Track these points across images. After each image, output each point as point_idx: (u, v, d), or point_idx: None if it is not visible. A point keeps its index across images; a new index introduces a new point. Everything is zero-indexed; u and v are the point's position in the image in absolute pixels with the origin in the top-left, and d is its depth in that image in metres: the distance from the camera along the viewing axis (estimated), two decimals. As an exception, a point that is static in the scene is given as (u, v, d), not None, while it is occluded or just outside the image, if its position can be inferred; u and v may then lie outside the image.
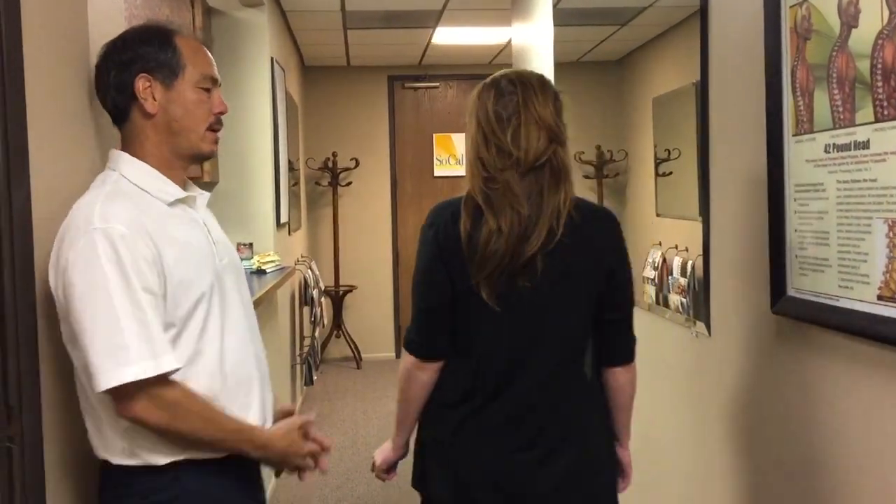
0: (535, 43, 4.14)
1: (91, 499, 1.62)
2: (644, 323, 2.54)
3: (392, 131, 7.36)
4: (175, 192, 1.55)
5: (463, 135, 6.29)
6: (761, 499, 1.76)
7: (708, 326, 2.00)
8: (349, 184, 7.21)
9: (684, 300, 2.22)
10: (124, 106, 1.53)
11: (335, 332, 7.01)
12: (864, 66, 1.32)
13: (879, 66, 1.28)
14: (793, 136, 1.54)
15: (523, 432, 1.63)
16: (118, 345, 1.36)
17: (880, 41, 1.28)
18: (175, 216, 1.53)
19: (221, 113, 1.59)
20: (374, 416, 5.45)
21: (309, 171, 7.05)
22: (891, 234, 1.27)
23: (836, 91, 1.40)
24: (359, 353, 7.02)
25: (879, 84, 1.28)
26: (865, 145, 1.32)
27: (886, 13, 1.26)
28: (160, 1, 3.80)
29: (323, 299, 6.39)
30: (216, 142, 1.61)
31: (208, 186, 4.16)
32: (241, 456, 1.53)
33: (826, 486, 1.50)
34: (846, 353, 1.42)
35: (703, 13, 1.99)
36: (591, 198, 3.27)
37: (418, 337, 1.67)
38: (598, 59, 3.26)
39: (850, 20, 1.36)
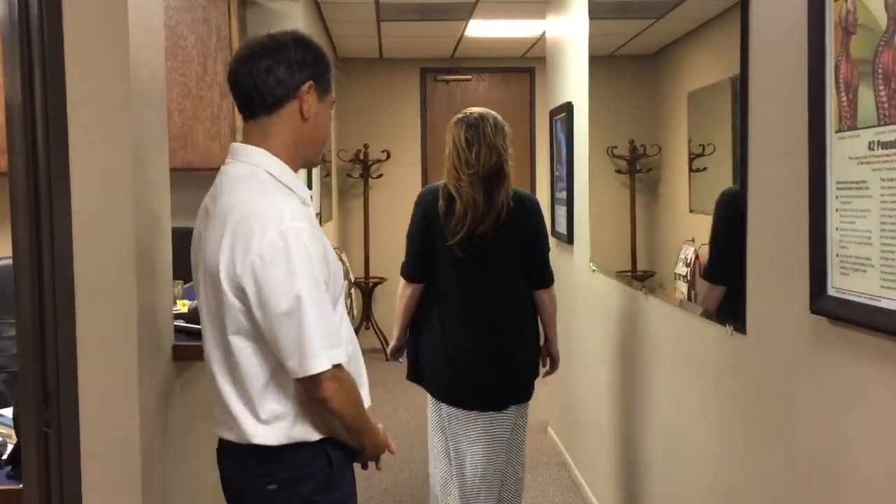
0: (569, 36, 4.11)
1: (126, 485, 1.65)
2: (675, 320, 2.52)
3: (423, 124, 7.36)
4: (308, 191, 1.70)
5: None
6: (794, 503, 1.73)
7: (743, 324, 1.97)
8: (380, 176, 7.22)
9: (719, 298, 2.19)
10: (279, 99, 1.61)
11: (364, 324, 7.04)
12: (911, 61, 1.29)
13: (928, 61, 1.25)
14: (835, 132, 1.51)
15: (480, 341, 2.75)
16: (321, 334, 1.51)
17: (929, 36, 1.25)
18: (310, 216, 1.66)
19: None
20: (402, 408, 5.46)
21: (340, 162, 7.07)
22: (936, 234, 1.24)
23: (881, 87, 1.37)
24: (387, 344, 7.05)
25: (927, 80, 1.25)
26: (911, 143, 1.29)
27: (936, 7, 1.23)
28: (197, -8, 3.83)
29: (353, 291, 6.41)
30: None
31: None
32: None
33: (863, 493, 1.48)
34: (887, 354, 1.39)
35: (743, 6, 1.96)
36: (624, 193, 3.25)
37: (409, 269, 2.84)
38: (633, 52, 3.23)
39: (897, 14, 1.33)
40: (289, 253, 1.49)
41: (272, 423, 1.60)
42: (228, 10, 3.87)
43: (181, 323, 2.19)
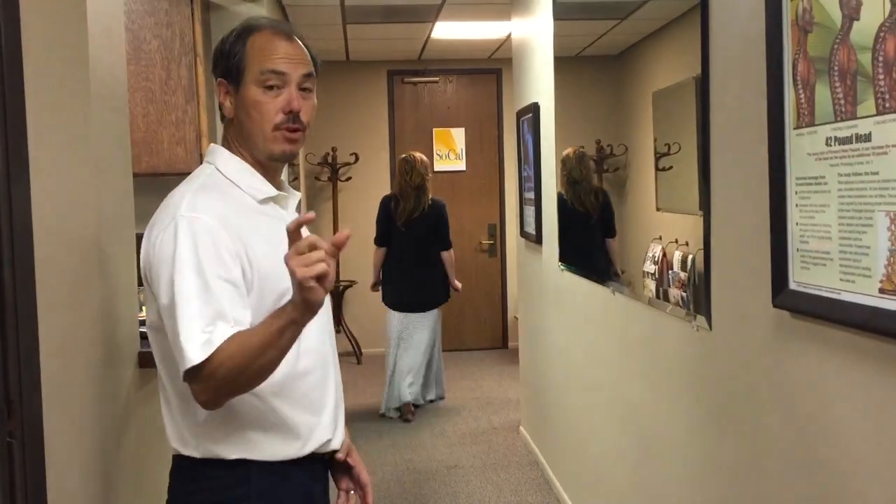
0: (534, 37, 4.13)
1: (91, 495, 1.63)
2: (644, 317, 2.55)
3: (392, 126, 7.35)
4: (267, 189, 1.55)
5: (463, 129, 6.82)
6: (762, 494, 1.76)
7: (709, 320, 2.00)
8: (349, 179, 7.20)
9: (685, 294, 2.22)
10: (218, 105, 1.57)
11: (335, 328, 7.01)
12: (865, 58, 1.31)
13: (881, 58, 1.28)
14: (794, 129, 1.54)
15: (413, 275, 5.26)
16: (195, 327, 1.34)
17: (882, 34, 1.27)
18: (264, 213, 1.53)
19: (291, 110, 1.51)
20: (375, 411, 5.45)
21: (308, 166, 7.04)
22: (893, 228, 1.27)
23: (837, 84, 1.40)
24: (359, 348, 7.02)
25: (881, 77, 1.28)
26: (867, 138, 1.32)
27: (888, 6, 1.26)
28: (159, -5, 3.79)
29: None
30: (291, 141, 1.54)
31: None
32: (311, 458, 1.54)
33: (827, 481, 1.50)
34: (848, 346, 1.42)
35: (703, 6, 1.98)
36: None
37: (378, 238, 5.31)
38: (598, 53, 3.26)
39: (851, 13, 1.35)
40: (175, 242, 1.37)
41: (193, 432, 1.47)
42: (192, 14, 3.84)
43: (146, 329, 2.16)
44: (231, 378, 1.35)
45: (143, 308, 2.43)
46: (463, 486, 4.12)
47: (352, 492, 1.68)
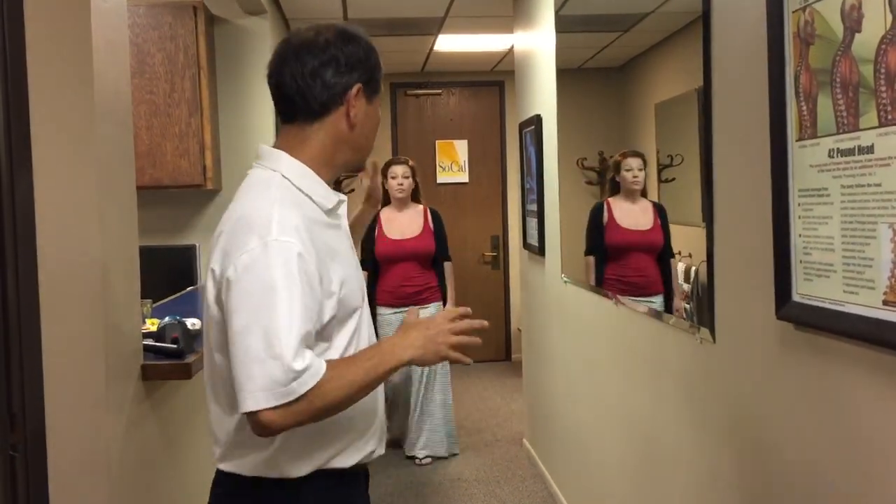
0: (537, 50, 4.14)
1: (94, 507, 1.62)
2: (647, 329, 2.54)
3: (394, 138, 7.36)
4: (332, 197, 1.50)
5: (465, 141, 6.77)
6: (767, 505, 1.75)
7: (712, 333, 1.99)
8: (351, 191, 7.21)
9: (688, 306, 2.21)
10: (325, 105, 1.46)
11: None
12: (867, 70, 1.32)
13: (883, 70, 1.28)
14: (796, 141, 1.54)
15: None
16: (263, 372, 1.29)
17: (884, 46, 1.27)
18: (331, 225, 1.49)
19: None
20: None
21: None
22: (896, 239, 1.26)
23: (839, 96, 1.40)
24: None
25: (883, 89, 1.28)
26: (870, 150, 1.32)
27: (890, 18, 1.26)
28: (163, 8, 3.82)
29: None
30: None
31: (210, 194, 4.16)
32: (364, 466, 1.54)
33: (831, 493, 1.49)
34: (851, 358, 1.41)
35: (705, 19, 1.99)
36: (594, 204, 3.27)
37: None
38: (601, 65, 3.26)
39: (853, 25, 1.36)
40: (263, 267, 1.31)
41: (246, 450, 1.43)
42: (196, 27, 3.86)
43: (150, 342, 2.16)
44: (327, 409, 1.35)
45: (147, 321, 2.44)
46: (466, 499, 4.10)
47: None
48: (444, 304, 4.62)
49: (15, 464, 1.38)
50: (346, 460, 1.50)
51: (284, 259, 1.32)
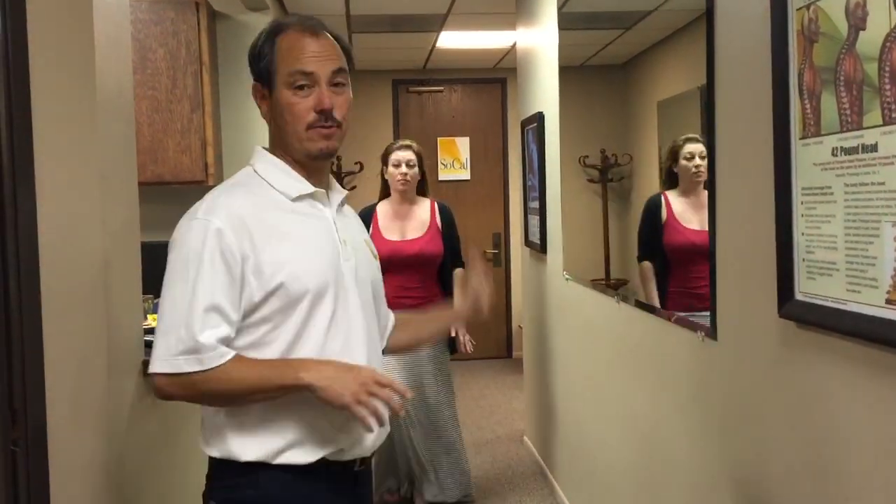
0: (539, 47, 4.14)
1: (95, 502, 1.62)
2: (649, 327, 2.54)
3: (396, 135, 7.36)
4: (301, 187, 1.55)
5: (467, 138, 6.46)
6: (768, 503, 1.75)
7: (714, 331, 1.99)
8: (353, 188, 7.21)
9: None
10: (258, 105, 1.59)
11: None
12: (871, 68, 1.31)
13: (887, 68, 1.27)
14: (800, 139, 1.53)
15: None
16: (169, 338, 1.43)
17: (888, 44, 1.27)
18: (296, 211, 1.53)
19: (323, 109, 1.51)
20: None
21: (313, 174, 7.05)
22: (899, 238, 1.26)
23: (843, 94, 1.39)
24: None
25: (887, 87, 1.28)
26: (873, 148, 1.31)
27: (895, 16, 1.25)
28: (165, 5, 3.81)
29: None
30: (327, 137, 1.54)
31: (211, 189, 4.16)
32: (336, 463, 1.52)
33: (833, 492, 1.49)
34: (854, 357, 1.41)
35: (708, 16, 1.98)
36: (596, 202, 3.27)
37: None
38: (603, 62, 3.26)
39: (857, 23, 1.35)
40: (181, 244, 1.45)
41: (211, 430, 1.53)
42: (198, 23, 3.86)
43: (151, 338, 2.16)
44: (212, 396, 1.46)
45: (149, 316, 2.44)
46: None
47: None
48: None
49: (16, 459, 1.38)
50: (305, 456, 1.50)
51: (200, 235, 1.43)
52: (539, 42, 4.15)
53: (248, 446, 1.48)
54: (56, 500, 1.47)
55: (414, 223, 3.69)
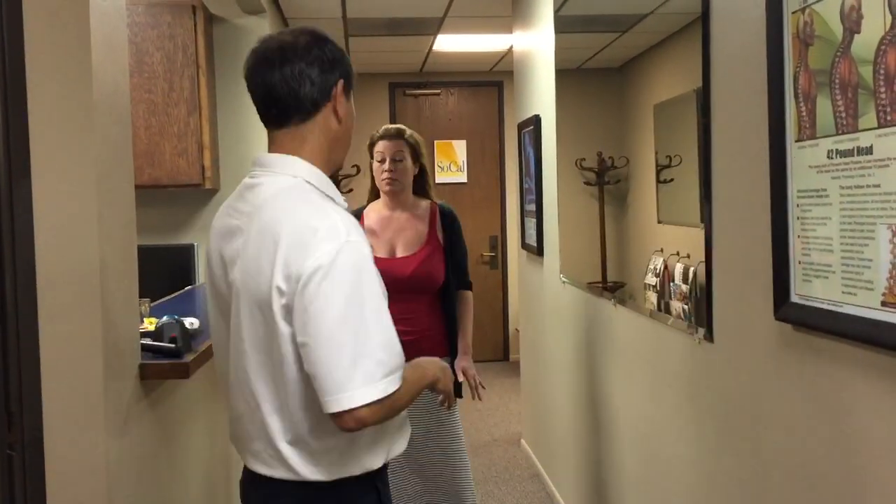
0: (536, 50, 4.14)
1: (92, 506, 1.62)
2: (645, 330, 2.54)
3: (393, 138, 7.36)
4: (341, 196, 1.56)
5: (464, 141, 6.33)
6: (765, 506, 1.75)
7: (710, 333, 1.99)
8: (350, 191, 7.21)
9: (686, 307, 2.21)
10: (316, 104, 1.50)
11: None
12: (866, 71, 1.32)
13: (882, 71, 1.28)
14: (795, 141, 1.54)
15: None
16: (353, 363, 1.35)
17: (883, 47, 1.28)
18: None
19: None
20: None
21: (310, 178, 7.05)
22: (895, 240, 1.26)
23: (838, 97, 1.40)
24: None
25: (882, 90, 1.28)
26: (868, 151, 1.32)
27: (889, 19, 1.26)
28: (162, 8, 3.82)
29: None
30: None
31: (209, 194, 4.16)
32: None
33: (830, 494, 1.49)
34: (850, 359, 1.42)
35: (704, 19, 1.99)
36: (593, 204, 3.27)
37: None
38: (600, 65, 3.27)
39: (852, 26, 1.36)
40: (343, 271, 1.35)
41: (324, 457, 1.48)
42: (195, 26, 3.86)
43: (148, 341, 2.16)
44: (402, 408, 1.50)
45: (145, 320, 2.43)
46: (464, 499, 4.10)
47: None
48: (453, 359, 2.84)
49: (13, 463, 1.38)
50: (380, 459, 1.56)
51: (357, 260, 1.38)
52: (536, 45, 4.15)
53: (374, 452, 1.53)
54: (52, 504, 1.47)
55: (408, 235, 2.81)
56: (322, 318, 1.33)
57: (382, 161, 2.90)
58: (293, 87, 1.48)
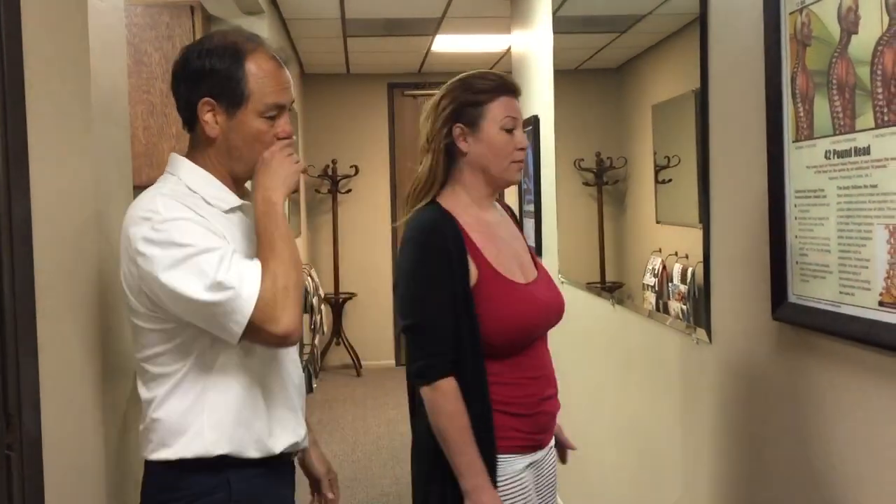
0: (534, 50, 4.14)
1: (90, 507, 1.62)
2: (644, 330, 2.54)
3: (392, 139, 7.37)
4: (232, 199, 1.54)
5: None
6: (763, 506, 1.75)
7: (709, 333, 2.00)
8: (349, 191, 7.21)
9: (684, 307, 2.22)
10: (189, 120, 1.53)
11: (335, 340, 7.01)
12: (864, 72, 1.32)
13: (879, 72, 1.28)
14: (793, 142, 1.54)
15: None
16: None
17: (880, 48, 1.28)
18: (232, 223, 1.52)
19: (285, 137, 1.54)
20: (373, 424, 5.44)
21: (308, 178, 7.05)
22: (892, 241, 1.27)
23: (836, 97, 1.40)
24: (358, 360, 7.01)
25: (879, 90, 1.28)
26: (866, 151, 1.32)
27: (886, 20, 1.26)
28: (160, 9, 3.82)
29: (323, 307, 6.38)
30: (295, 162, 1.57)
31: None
32: (280, 459, 1.56)
33: (827, 495, 1.49)
34: (847, 359, 1.42)
35: (702, 20, 1.99)
36: (591, 205, 3.28)
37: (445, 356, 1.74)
38: (598, 66, 3.27)
39: (849, 27, 1.36)
40: (168, 236, 1.40)
41: (174, 433, 1.50)
42: (193, 27, 3.86)
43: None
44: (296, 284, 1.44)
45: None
46: (463, 499, 4.10)
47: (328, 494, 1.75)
48: None
49: (11, 463, 1.38)
50: (276, 442, 1.53)
51: (178, 226, 1.41)
52: (534, 46, 4.15)
53: (220, 438, 1.49)
54: (51, 505, 1.47)
55: (516, 248, 1.88)
56: (155, 282, 1.41)
57: (512, 129, 1.78)
58: (175, 101, 1.53)
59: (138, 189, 2.15)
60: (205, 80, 1.47)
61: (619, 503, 2.87)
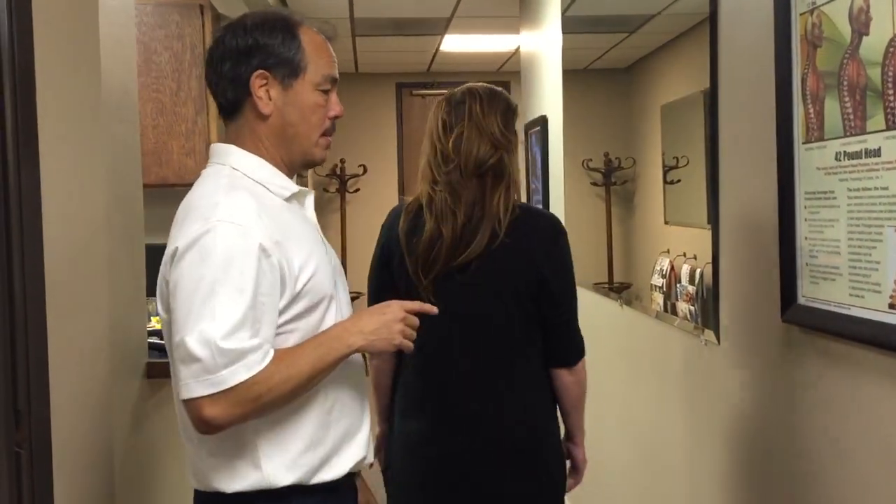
0: (543, 50, 4.14)
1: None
2: (652, 331, 2.54)
3: (400, 138, 7.37)
4: (291, 185, 1.43)
5: None
6: (771, 508, 1.74)
7: (717, 334, 1.99)
8: (357, 190, 7.22)
9: (693, 308, 2.21)
10: (236, 100, 1.40)
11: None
12: (875, 73, 1.31)
13: (891, 73, 1.28)
14: (803, 143, 1.53)
15: (446, 433, 1.79)
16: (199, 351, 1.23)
17: (892, 49, 1.27)
18: (292, 212, 1.43)
19: (337, 116, 1.47)
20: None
21: (317, 177, 7.06)
22: (902, 243, 1.26)
23: (846, 99, 1.39)
24: (366, 360, 7.02)
25: (891, 92, 1.28)
26: (877, 153, 1.32)
27: (898, 21, 1.26)
28: (170, 7, 3.83)
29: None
30: (328, 147, 1.49)
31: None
32: (348, 483, 1.44)
33: (835, 498, 1.49)
34: (856, 362, 1.41)
35: (712, 20, 1.98)
36: (599, 205, 3.27)
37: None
38: (607, 66, 3.26)
39: (861, 28, 1.35)
40: (205, 250, 1.26)
41: (225, 463, 1.34)
42: (203, 26, 3.87)
43: (155, 340, 2.17)
44: (273, 401, 1.28)
45: (153, 319, 2.45)
46: (469, 499, 4.10)
47: None
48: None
49: (20, 461, 1.38)
50: (334, 470, 1.39)
51: (226, 242, 1.26)
52: (543, 46, 4.15)
53: (283, 469, 1.35)
54: (60, 502, 1.48)
55: None
56: (174, 298, 1.27)
57: None
58: (213, 87, 1.43)
59: (147, 188, 2.16)
60: (257, 54, 1.38)
61: (623, 502, 2.87)
